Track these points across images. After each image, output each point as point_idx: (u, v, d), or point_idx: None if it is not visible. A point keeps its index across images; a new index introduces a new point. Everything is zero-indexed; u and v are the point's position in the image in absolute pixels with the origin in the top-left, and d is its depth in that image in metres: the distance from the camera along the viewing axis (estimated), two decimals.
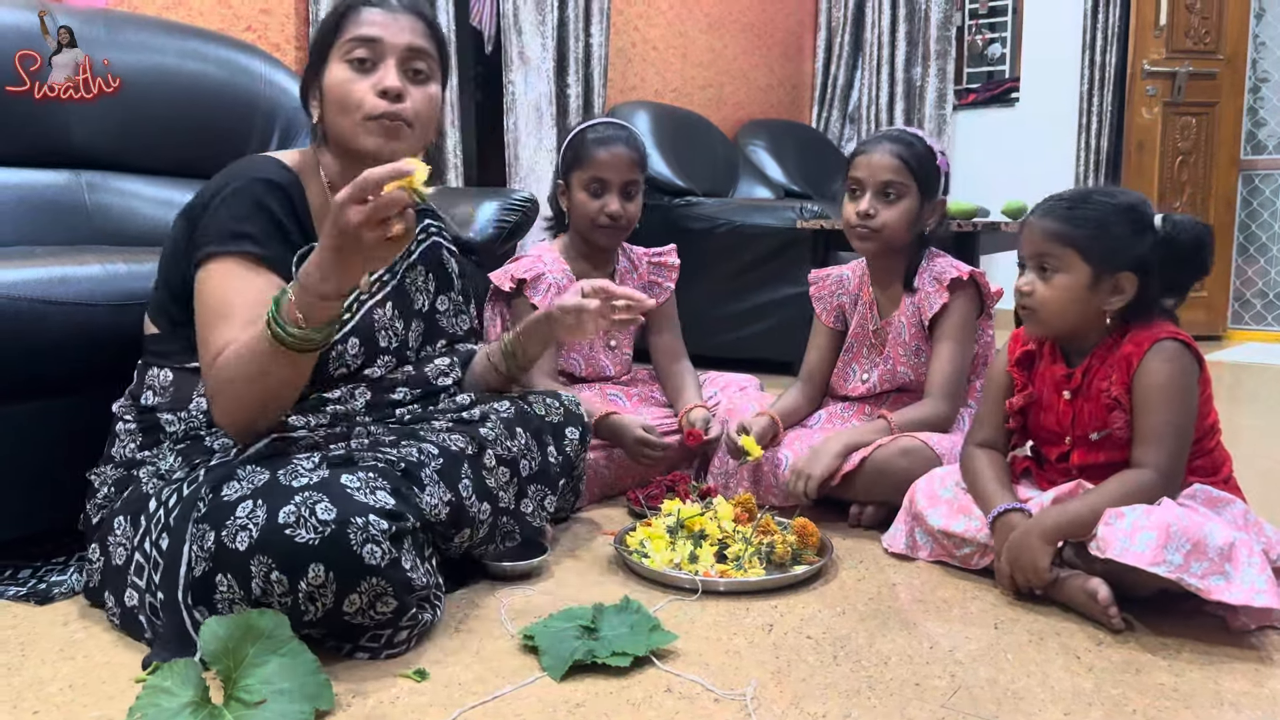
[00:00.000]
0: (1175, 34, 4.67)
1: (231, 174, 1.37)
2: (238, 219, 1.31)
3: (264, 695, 1.06)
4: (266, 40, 2.93)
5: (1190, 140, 4.76)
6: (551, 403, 1.61)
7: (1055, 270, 1.45)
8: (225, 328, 1.25)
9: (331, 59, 1.41)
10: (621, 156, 2.03)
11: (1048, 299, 1.46)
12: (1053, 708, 1.13)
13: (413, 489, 1.28)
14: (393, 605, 1.19)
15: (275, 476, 1.19)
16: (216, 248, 1.29)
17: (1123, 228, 1.43)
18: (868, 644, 1.30)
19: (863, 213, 1.86)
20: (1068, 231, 1.44)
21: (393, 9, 1.42)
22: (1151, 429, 1.40)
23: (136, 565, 1.24)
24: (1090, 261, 1.43)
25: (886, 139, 1.89)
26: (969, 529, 1.53)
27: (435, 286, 1.62)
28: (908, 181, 1.86)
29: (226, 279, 1.29)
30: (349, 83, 1.39)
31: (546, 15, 3.68)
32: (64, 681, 1.17)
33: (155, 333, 1.40)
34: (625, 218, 2.05)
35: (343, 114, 1.40)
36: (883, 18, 5.23)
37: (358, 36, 1.39)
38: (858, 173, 1.89)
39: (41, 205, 1.93)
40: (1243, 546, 1.29)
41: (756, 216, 3.57)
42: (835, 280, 2.05)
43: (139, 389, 1.39)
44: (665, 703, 1.13)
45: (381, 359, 1.50)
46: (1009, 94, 5.17)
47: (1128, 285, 1.43)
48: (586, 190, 2.04)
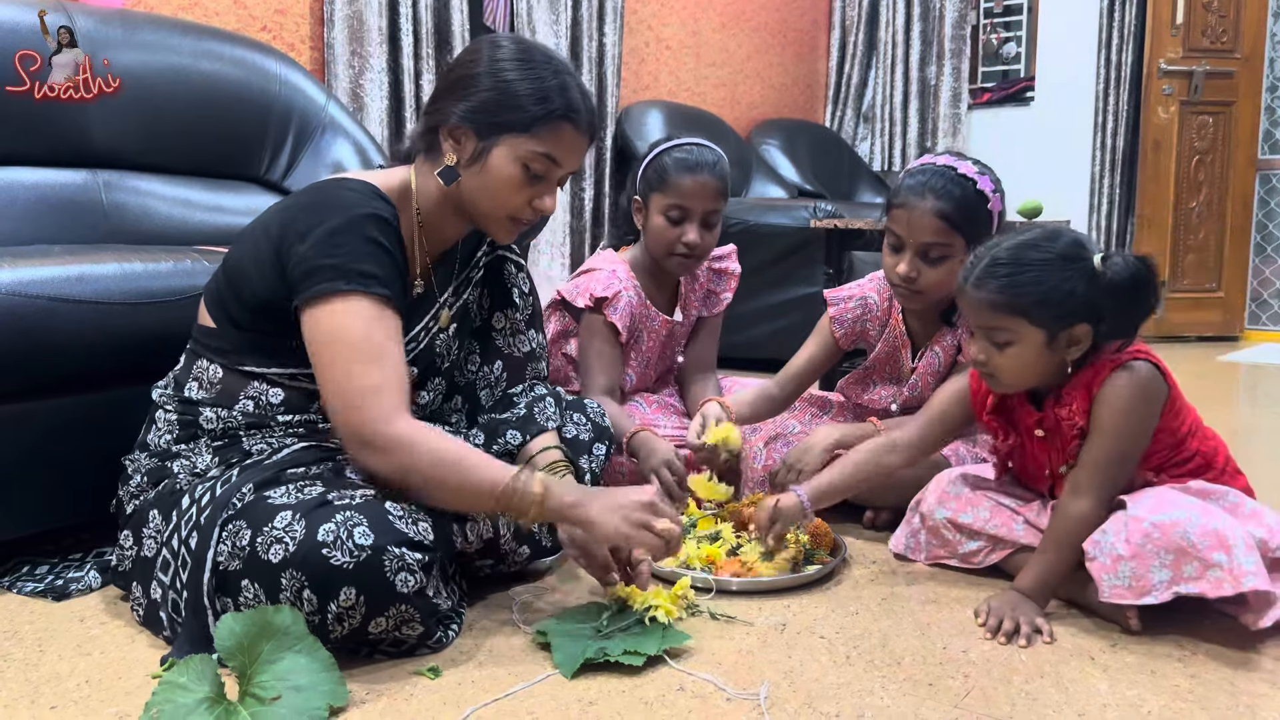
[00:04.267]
0: (1192, 33, 4.64)
1: (336, 203, 1.29)
2: (359, 257, 1.25)
3: (279, 691, 1.06)
4: (282, 40, 2.95)
5: (1207, 140, 4.73)
6: (580, 419, 1.61)
7: (1007, 341, 1.38)
8: (377, 368, 1.22)
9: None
10: (707, 186, 1.92)
11: (1005, 367, 1.40)
12: (1067, 709, 1.12)
13: (454, 523, 1.34)
14: (418, 630, 1.21)
15: (324, 494, 1.20)
16: (344, 285, 1.23)
17: (1065, 281, 1.34)
18: (881, 644, 1.29)
19: (904, 275, 1.69)
20: (1011, 301, 1.35)
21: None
22: (1095, 456, 1.37)
23: (163, 561, 1.25)
24: (1040, 325, 1.35)
25: (930, 190, 1.65)
26: (977, 520, 1.52)
27: (491, 303, 1.58)
28: (952, 240, 1.66)
29: (365, 319, 1.24)
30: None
31: (560, 14, 3.69)
32: (81, 677, 1.18)
33: (211, 327, 1.36)
34: (702, 247, 1.95)
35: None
36: (897, 16, 5.22)
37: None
38: (896, 227, 1.69)
39: (59, 204, 1.94)
40: (1231, 530, 1.27)
41: (770, 216, 3.56)
42: (859, 304, 1.89)
43: (184, 377, 1.37)
44: (678, 702, 1.13)
45: (433, 382, 1.49)
46: (1024, 93, 5.14)
47: (1083, 335, 1.37)
48: (665, 216, 1.93)
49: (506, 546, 1.41)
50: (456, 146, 1.34)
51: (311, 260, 1.24)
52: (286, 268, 1.26)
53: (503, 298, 1.58)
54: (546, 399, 1.55)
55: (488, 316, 1.58)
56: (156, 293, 1.51)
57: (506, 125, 1.32)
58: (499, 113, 1.31)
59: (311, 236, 1.25)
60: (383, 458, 1.22)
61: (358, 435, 1.22)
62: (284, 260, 1.27)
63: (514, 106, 1.31)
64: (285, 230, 1.28)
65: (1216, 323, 4.75)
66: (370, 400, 1.21)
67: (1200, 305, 4.82)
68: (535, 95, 1.31)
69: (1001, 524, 1.52)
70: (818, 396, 2.04)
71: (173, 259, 1.57)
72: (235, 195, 2.20)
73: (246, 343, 1.33)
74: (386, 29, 3.13)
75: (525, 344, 1.59)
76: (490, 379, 1.57)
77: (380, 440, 1.21)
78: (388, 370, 1.23)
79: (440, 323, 1.45)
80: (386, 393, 1.22)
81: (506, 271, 1.58)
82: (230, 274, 1.35)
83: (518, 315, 1.59)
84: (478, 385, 1.58)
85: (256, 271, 1.30)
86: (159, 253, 1.59)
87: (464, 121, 1.33)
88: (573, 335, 2.07)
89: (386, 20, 3.13)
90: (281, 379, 1.33)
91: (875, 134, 5.35)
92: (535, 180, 1.35)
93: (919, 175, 1.69)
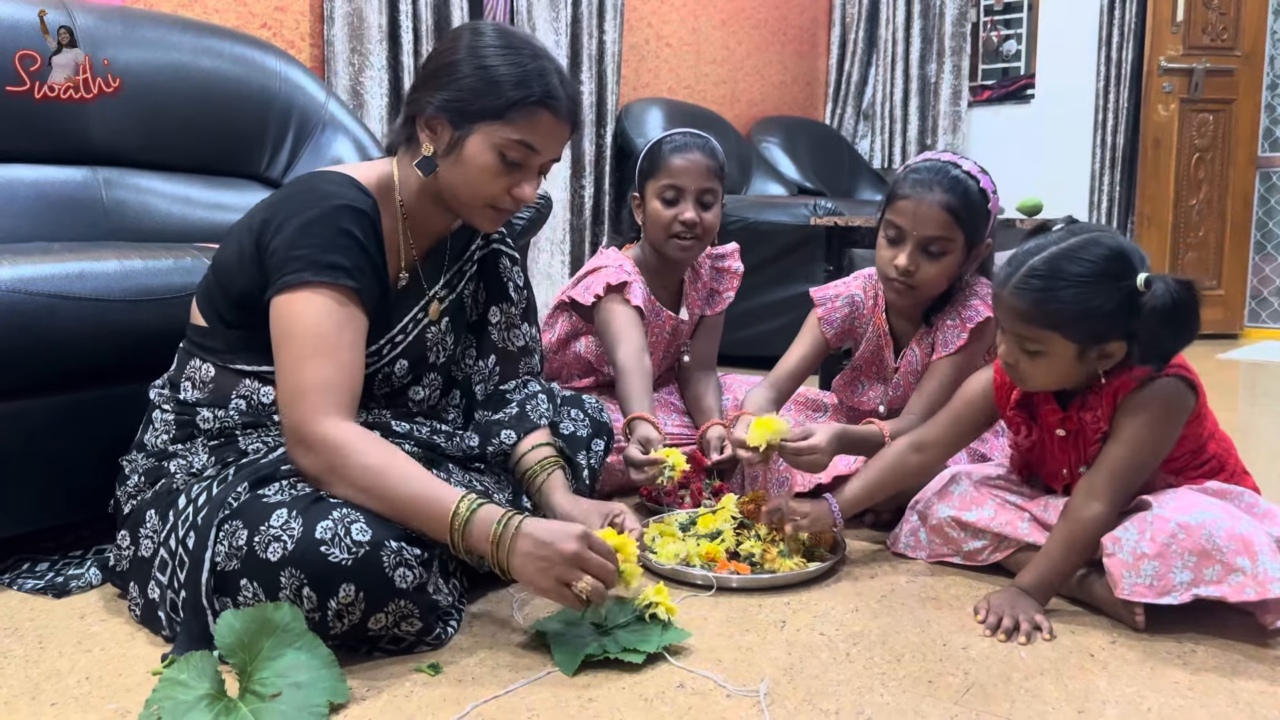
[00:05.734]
0: (1193, 30, 4.64)
1: (311, 194, 1.30)
2: (329, 248, 1.25)
3: (279, 688, 1.06)
4: (281, 37, 2.94)
5: (1207, 137, 4.73)
6: (577, 415, 1.61)
7: (1038, 353, 1.35)
8: (325, 364, 1.22)
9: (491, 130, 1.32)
10: (698, 163, 1.94)
11: (1034, 374, 1.38)
12: (1067, 706, 1.12)
13: None
14: (418, 626, 1.21)
15: (318, 490, 1.20)
16: (311, 276, 1.23)
17: (1104, 300, 1.29)
18: (880, 641, 1.29)
19: (903, 269, 1.67)
20: (1046, 315, 1.31)
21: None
22: (1113, 464, 1.36)
23: (161, 560, 1.25)
24: (1073, 340, 1.33)
25: (938, 184, 1.64)
26: (982, 518, 1.52)
27: (487, 297, 1.58)
28: (954, 236, 1.65)
29: (323, 312, 1.23)
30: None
31: (560, 12, 3.68)
32: (81, 674, 1.18)
33: (203, 325, 1.37)
34: (701, 227, 1.95)
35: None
36: (897, 14, 5.21)
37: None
38: (899, 219, 1.67)
39: (59, 202, 1.94)
40: (1255, 534, 1.27)
41: (770, 213, 3.56)
42: (846, 302, 1.89)
43: (178, 376, 1.37)
44: (677, 699, 1.13)
45: (428, 377, 1.49)
46: (1024, 91, 5.14)
47: (1116, 351, 1.34)
48: (661, 199, 1.95)
49: None
50: (433, 136, 1.34)
51: (283, 252, 1.25)
52: (263, 260, 1.27)
53: (498, 292, 1.58)
54: (539, 395, 1.55)
55: (483, 311, 1.57)
56: (156, 290, 1.51)
57: (480, 113, 1.31)
58: (474, 100, 1.31)
59: (286, 228, 1.26)
60: (310, 457, 1.20)
61: (293, 429, 1.21)
62: (262, 252, 1.28)
63: (491, 93, 1.30)
64: (265, 223, 1.29)
65: (1217, 320, 4.74)
66: (310, 396, 1.20)
67: (1201, 304, 4.81)
68: (513, 80, 1.31)
69: (1007, 522, 1.51)
70: (813, 398, 2.04)
71: (172, 256, 1.57)
72: (235, 192, 2.20)
73: (236, 340, 1.34)
74: (386, 26, 3.12)
75: (520, 338, 1.59)
76: (484, 372, 1.57)
77: (309, 437, 1.20)
78: (336, 367, 1.22)
79: (430, 315, 1.45)
80: (328, 391, 1.21)
81: (501, 265, 1.58)
82: (218, 271, 1.35)
83: (513, 309, 1.59)
84: (473, 379, 1.57)
85: (240, 267, 1.31)
86: (158, 250, 1.59)
87: (440, 112, 1.33)
88: (581, 334, 2.07)
89: (386, 17, 3.12)
90: (271, 377, 1.32)
91: (875, 131, 5.35)
92: (513, 168, 1.34)
93: (924, 169, 1.67)
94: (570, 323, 2.06)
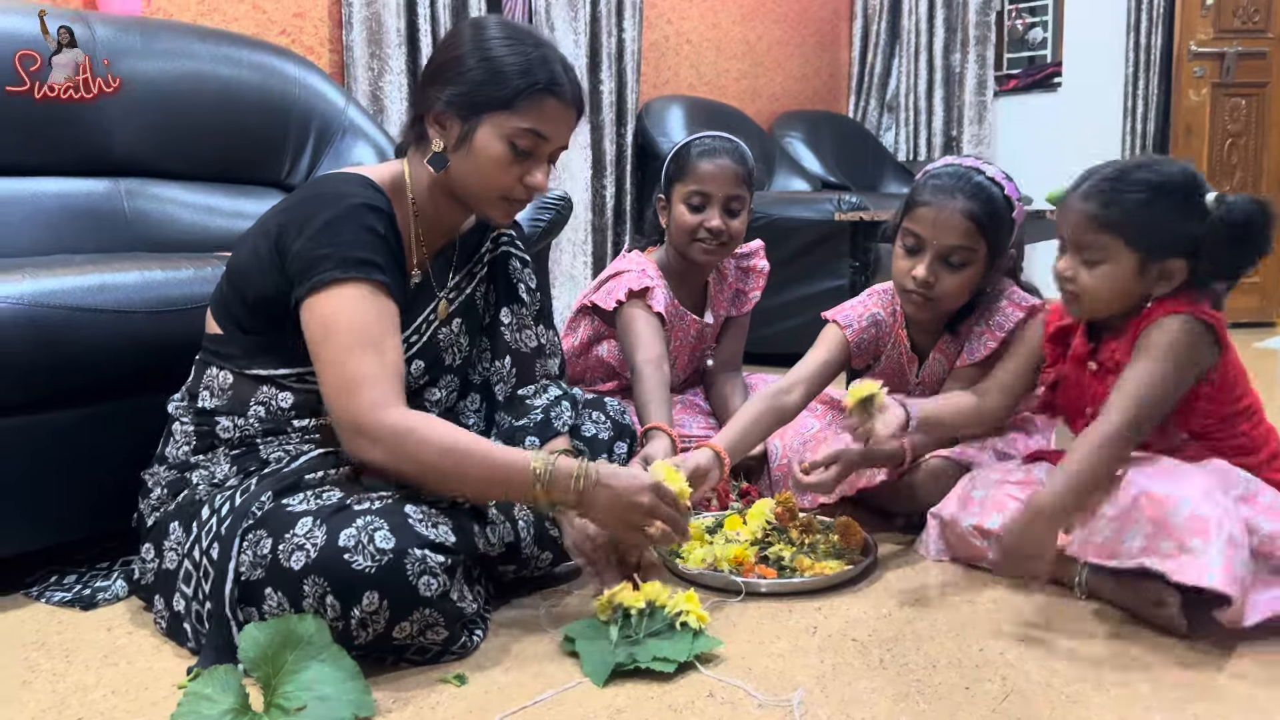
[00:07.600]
0: (1223, 13, 4.55)
1: (329, 195, 1.30)
2: (355, 244, 1.25)
3: (304, 701, 1.06)
4: (300, 44, 2.95)
5: (1240, 122, 4.63)
6: (599, 418, 1.60)
7: (1098, 259, 1.35)
8: (370, 355, 1.22)
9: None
10: (726, 169, 1.90)
11: (1090, 287, 1.38)
12: (1108, 714, 1.09)
13: (474, 524, 1.31)
14: (443, 635, 1.20)
15: (343, 500, 1.20)
16: (340, 273, 1.23)
17: (1170, 210, 1.31)
18: (915, 647, 1.27)
19: (921, 280, 1.59)
20: (1111, 218, 1.33)
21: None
22: (1124, 384, 1.33)
23: (185, 572, 1.25)
24: (1136, 249, 1.33)
25: (960, 190, 1.57)
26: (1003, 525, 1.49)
27: (497, 299, 1.57)
28: (977, 246, 1.58)
29: (361, 306, 1.24)
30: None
31: (579, 10, 3.66)
32: (108, 687, 1.17)
33: (219, 333, 1.36)
34: (727, 234, 1.91)
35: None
36: (920, 4, 5.14)
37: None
38: (918, 227, 1.60)
39: (81, 213, 1.95)
40: (1223, 521, 1.21)
41: (793, 209, 3.52)
42: (871, 322, 1.79)
43: (196, 387, 1.37)
44: (708, 709, 1.11)
45: (445, 379, 1.49)
46: (1051, 79, 5.06)
47: (1177, 271, 1.34)
48: (686, 204, 1.91)
49: (528, 551, 1.39)
50: (442, 132, 1.36)
51: (309, 252, 1.25)
52: (285, 263, 1.27)
53: (509, 293, 1.57)
54: (562, 401, 1.54)
55: (495, 312, 1.57)
56: (177, 300, 1.51)
57: (488, 104, 1.32)
58: (481, 92, 1.32)
59: (308, 229, 1.26)
60: (378, 448, 1.21)
61: (353, 423, 1.21)
62: (283, 256, 1.27)
63: (497, 83, 1.32)
64: (283, 227, 1.29)
65: (1252, 309, 4.64)
66: (365, 387, 1.20)
67: (1236, 290, 4.71)
68: (518, 69, 1.32)
69: None
70: (837, 398, 2.00)
71: (193, 266, 1.57)
72: (256, 200, 2.20)
73: (253, 346, 1.33)
74: (405, 30, 3.12)
75: (533, 339, 1.58)
76: (502, 374, 1.56)
77: (374, 429, 1.20)
78: (383, 358, 1.23)
79: (439, 315, 1.45)
80: (381, 380, 1.21)
81: (511, 267, 1.58)
82: (233, 277, 1.35)
83: (524, 310, 1.58)
84: (491, 381, 1.57)
85: (257, 271, 1.30)
86: (179, 260, 1.59)
87: (448, 106, 1.34)
88: (604, 339, 2.05)
89: (405, 22, 3.12)
90: (289, 382, 1.32)
91: (900, 124, 5.28)
92: (523, 157, 1.35)
93: (945, 174, 1.61)
94: (593, 327, 2.04)
